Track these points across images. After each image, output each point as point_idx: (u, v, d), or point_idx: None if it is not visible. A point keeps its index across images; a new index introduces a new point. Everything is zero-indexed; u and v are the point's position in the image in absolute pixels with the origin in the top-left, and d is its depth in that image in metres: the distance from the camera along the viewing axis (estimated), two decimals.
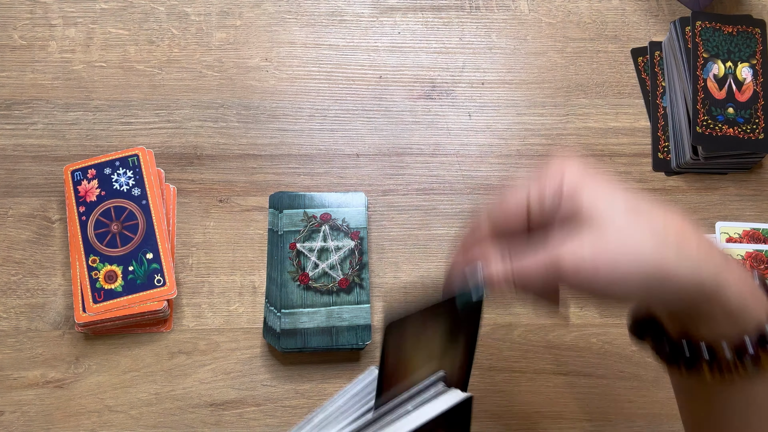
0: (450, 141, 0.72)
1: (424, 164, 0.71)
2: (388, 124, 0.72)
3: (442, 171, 0.71)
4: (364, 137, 0.72)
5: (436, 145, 0.72)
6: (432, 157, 0.71)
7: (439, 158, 0.71)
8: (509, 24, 0.75)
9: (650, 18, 0.76)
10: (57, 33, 0.72)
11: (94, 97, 0.71)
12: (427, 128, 0.72)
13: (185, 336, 0.65)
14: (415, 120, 0.73)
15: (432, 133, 0.72)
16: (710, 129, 0.68)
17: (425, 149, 0.72)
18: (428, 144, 0.72)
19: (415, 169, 0.71)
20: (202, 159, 0.69)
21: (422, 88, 0.74)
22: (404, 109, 0.73)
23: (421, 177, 0.70)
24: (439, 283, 0.43)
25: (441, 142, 0.72)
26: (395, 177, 0.70)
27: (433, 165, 0.71)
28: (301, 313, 0.63)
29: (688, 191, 0.72)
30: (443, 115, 0.73)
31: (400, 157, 0.71)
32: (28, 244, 0.66)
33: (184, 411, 0.63)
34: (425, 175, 0.71)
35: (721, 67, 0.70)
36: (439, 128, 0.73)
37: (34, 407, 0.62)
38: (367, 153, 0.71)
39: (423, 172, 0.71)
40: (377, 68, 0.73)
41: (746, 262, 0.64)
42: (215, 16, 0.74)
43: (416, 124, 0.73)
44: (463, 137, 0.72)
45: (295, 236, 0.65)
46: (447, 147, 0.72)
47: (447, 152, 0.72)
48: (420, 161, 0.71)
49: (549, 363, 0.66)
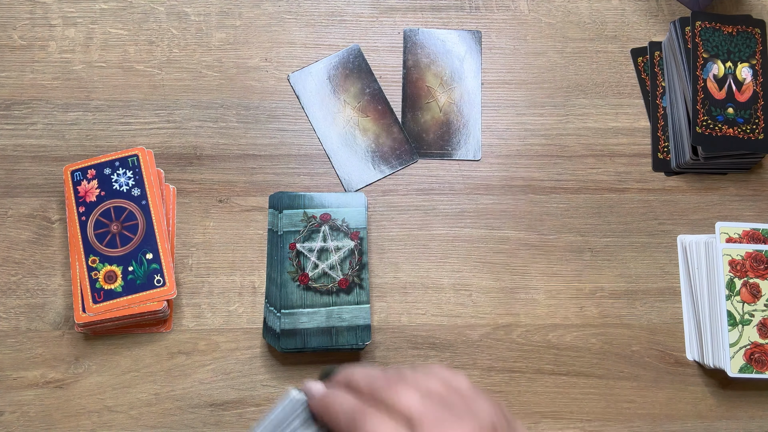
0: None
1: (424, 164, 0.71)
2: None
3: (442, 171, 0.71)
4: None
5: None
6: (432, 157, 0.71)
7: (439, 158, 0.71)
8: (509, 24, 0.75)
9: (650, 18, 0.76)
10: (57, 33, 0.72)
11: (93, 98, 0.71)
12: None
13: (185, 336, 0.65)
14: None
15: None
16: (710, 129, 0.68)
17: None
18: None
19: (415, 169, 0.71)
20: (201, 159, 0.69)
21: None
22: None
23: (421, 177, 0.71)
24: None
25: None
26: (395, 177, 0.70)
27: (433, 165, 0.71)
28: (300, 313, 0.63)
29: (687, 191, 0.72)
30: None
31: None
32: (28, 244, 0.66)
33: (184, 411, 0.63)
34: (425, 175, 0.71)
35: (720, 68, 0.70)
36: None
37: (33, 407, 0.62)
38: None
39: (423, 172, 0.71)
40: (377, 68, 0.73)
41: (746, 262, 0.64)
42: (215, 16, 0.74)
43: None
44: None
45: (294, 236, 0.65)
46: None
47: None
48: (420, 161, 0.71)
49: (549, 363, 0.66)
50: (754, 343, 0.62)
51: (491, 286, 0.68)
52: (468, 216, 0.70)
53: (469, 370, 0.65)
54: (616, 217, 0.70)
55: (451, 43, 0.74)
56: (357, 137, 0.70)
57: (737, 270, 0.64)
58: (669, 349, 0.67)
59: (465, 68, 0.73)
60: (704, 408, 0.66)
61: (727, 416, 0.66)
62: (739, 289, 0.64)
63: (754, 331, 0.63)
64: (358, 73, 0.71)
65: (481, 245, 0.69)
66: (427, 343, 0.66)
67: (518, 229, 0.69)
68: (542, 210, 0.70)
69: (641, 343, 0.67)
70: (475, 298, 0.67)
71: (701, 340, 0.65)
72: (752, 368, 0.62)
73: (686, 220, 0.71)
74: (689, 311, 0.68)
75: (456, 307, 0.67)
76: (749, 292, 0.64)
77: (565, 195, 0.71)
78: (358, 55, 0.70)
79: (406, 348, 0.66)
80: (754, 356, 0.62)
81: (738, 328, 0.63)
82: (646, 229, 0.70)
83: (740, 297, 0.63)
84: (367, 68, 0.70)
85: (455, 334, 0.66)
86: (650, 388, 0.66)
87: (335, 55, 0.72)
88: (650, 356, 0.67)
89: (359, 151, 0.70)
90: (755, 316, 0.63)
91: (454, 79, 0.73)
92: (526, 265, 0.69)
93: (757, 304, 0.63)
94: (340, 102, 0.70)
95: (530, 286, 0.68)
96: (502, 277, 0.68)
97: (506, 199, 0.70)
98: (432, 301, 0.67)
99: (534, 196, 0.70)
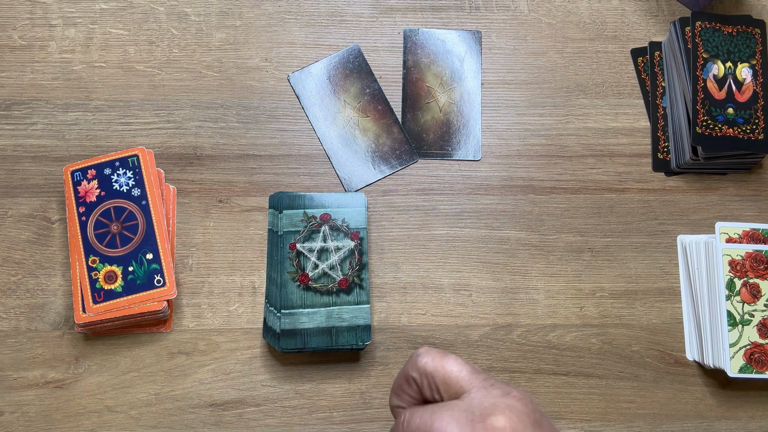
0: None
1: (424, 164, 0.71)
2: None
3: (442, 171, 0.71)
4: None
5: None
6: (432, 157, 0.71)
7: (439, 158, 0.71)
8: (509, 24, 0.75)
9: (650, 18, 0.76)
10: (57, 33, 0.72)
11: (93, 98, 0.71)
12: None
13: (185, 336, 0.65)
14: None
15: None
16: (710, 129, 0.68)
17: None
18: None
19: (415, 169, 0.71)
20: (201, 159, 0.69)
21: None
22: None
23: (421, 177, 0.71)
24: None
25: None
26: (395, 177, 0.70)
27: (433, 165, 0.71)
28: (300, 313, 0.63)
29: (687, 191, 0.72)
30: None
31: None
32: (28, 245, 0.66)
33: (184, 411, 0.63)
34: (425, 175, 0.71)
35: (720, 68, 0.70)
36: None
37: (34, 407, 0.62)
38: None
39: (423, 172, 0.71)
40: (377, 68, 0.73)
41: (746, 262, 0.64)
42: (215, 17, 0.74)
43: None
44: None
45: (295, 236, 0.65)
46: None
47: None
48: (420, 161, 0.71)
49: (549, 363, 0.66)
50: (754, 343, 0.63)
51: (491, 286, 0.68)
52: (468, 216, 0.70)
53: None
54: (616, 217, 0.70)
55: (451, 43, 0.74)
56: (357, 137, 0.70)
57: (737, 270, 0.64)
58: (669, 350, 0.67)
59: (465, 68, 0.73)
60: (704, 408, 0.66)
61: (727, 416, 0.66)
62: (739, 289, 0.64)
63: (754, 332, 0.63)
64: (358, 73, 0.71)
65: (481, 245, 0.69)
66: (427, 343, 0.66)
67: (518, 229, 0.69)
68: (542, 210, 0.70)
69: (641, 343, 0.67)
70: (475, 298, 0.67)
71: (701, 341, 0.65)
72: (752, 368, 0.62)
73: (686, 220, 0.71)
74: (689, 311, 0.68)
75: (456, 307, 0.67)
76: (749, 293, 0.64)
77: (565, 195, 0.71)
78: (358, 55, 0.70)
79: (406, 348, 0.66)
80: (754, 356, 0.62)
81: (738, 329, 0.63)
82: (646, 229, 0.70)
83: (740, 297, 0.63)
84: (367, 68, 0.70)
85: (455, 334, 0.66)
86: (650, 388, 0.66)
87: (335, 55, 0.72)
88: (650, 356, 0.67)
89: (359, 151, 0.70)
90: (755, 316, 0.63)
91: (454, 80, 0.73)
92: (526, 265, 0.69)
93: (757, 304, 0.63)
94: (340, 102, 0.70)
95: (530, 286, 0.68)
96: (502, 277, 0.68)
97: (506, 199, 0.70)
98: (432, 302, 0.67)
99: (534, 196, 0.70)
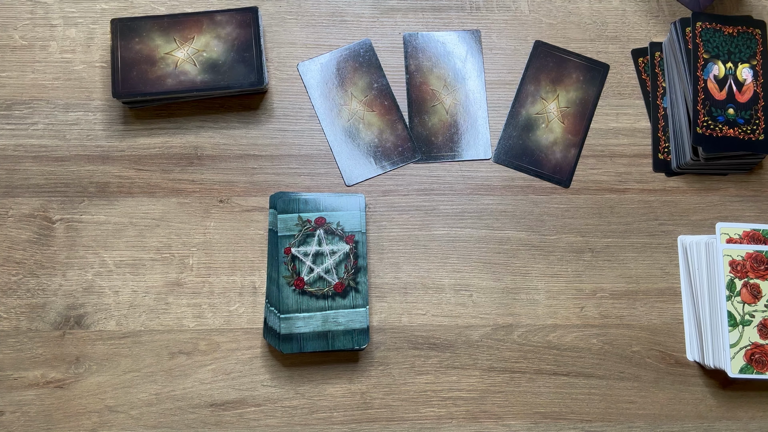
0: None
1: (425, 164, 0.71)
2: None
3: (443, 171, 0.71)
4: None
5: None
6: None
7: (450, 160, 0.71)
8: (510, 24, 0.75)
9: (651, 19, 0.76)
10: (57, 33, 0.72)
11: (94, 98, 0.71)
12: None
13: (185, 336, 0.65)
14: None
15: None
16: (710, 130, 0.68)
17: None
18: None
19: (415, 169, 0.71)
20: (202, 159, 0.70)
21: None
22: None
23: (422, 177, 0.71)
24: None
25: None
26: (396, 177, 0.70)
27: (433, 165, 0.71)
28: (296, 318, 0.63)
29: (688, 192, 0.72)
30: None
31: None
32: (29, 244, 0.66)
33: (185, 411, 0.63)
34: (426, 176, 0.71)
35: (721, 68, 0.70)
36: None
37: (34, 407, 0.62)
38: None
39: (423, 172, 0.71)
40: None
41: (746, 262, 0.64)
42: None
43: None
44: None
45: (290, 241, 0.65)
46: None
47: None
48: (420, 161, 0.71)
49: (549, 363, 0.66)
50: (754, 343, 0.63)
51: (492, 287, 0.68)
52: (468, 216, 0.70)
53: (469, 370, 0.65)
54: (617, 217, 0.70)
55: (452, 45, 0.74)
56: (361, 131, 0.70)
57: (738, 270, 0.64)
58: (669, 350, 0.67)
59: (467, 68, 0.73)
60: (704, 408, 0.66)
61: (727, 417, 0.66)
62: (739, 289, 0.64)
63: (754, 332, 0.63)
64: (367, 67, 0.71)
65: (481, 245, 0.69)
66: (427, 344, 0.66)
67: (519, 230, 0.69)
68: (543, 210, 0.70)
69: (642, 343, 0.67)
70: (476, 298, 0.67)
71: (702, 341, 0.65)
72: (752, 369, 0.62)
73: (687, 220, 0.71)
74: (690, 312, 0.68)
75: (456, 308, 0.67)
76: (750, 293, 0.64)
77: (565, 195, 0.71)
78: (369, 50, 0.70)
79: (406, 348, 0.66)
80: (754, 357, 0.62)
81: (738, 329, 0.63)
82: (646, 230, 0.70)
83: (740, 297, 0.63)
84: (377, 63, 0.70)
85: (455, 335, 0.66)
86: (651, 389, 0.66)
87: (346, 47, 0.72)
88: (651, 357, 0.67)
89: (362, 145, 0.70)
90: (755, 316, 0.63)
91: (457, 80, 0.73)
92: (527, 265, 0.69)
93: (758, 304, 0.63)
94: (347, 94, 0.70)
95: (531, 287, 0.68)
96: (502, 277, 0.68)
97: (507, 199, 0.70)
98: (432, 302, 0.67)
99: (534, 197, 0.70)
